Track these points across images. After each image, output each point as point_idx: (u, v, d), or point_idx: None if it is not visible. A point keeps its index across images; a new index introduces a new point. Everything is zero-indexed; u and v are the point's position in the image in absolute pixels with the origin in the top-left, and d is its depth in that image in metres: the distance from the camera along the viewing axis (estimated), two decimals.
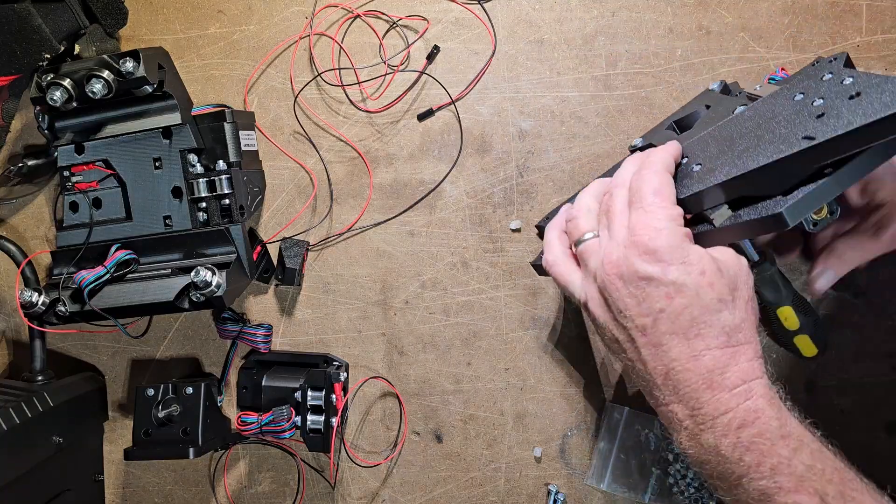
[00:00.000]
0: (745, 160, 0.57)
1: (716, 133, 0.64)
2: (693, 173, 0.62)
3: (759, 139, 0.58)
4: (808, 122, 0.55)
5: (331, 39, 0.86)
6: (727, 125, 0.64)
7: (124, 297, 0.75)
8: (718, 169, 0.59)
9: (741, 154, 0.58)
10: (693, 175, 0.62)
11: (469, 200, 0.84)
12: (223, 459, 0.86)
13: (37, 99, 0.79)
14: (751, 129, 0.60)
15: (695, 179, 0.61)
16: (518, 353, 0.82)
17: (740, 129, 0.61)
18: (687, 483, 0.78)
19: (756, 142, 0.58)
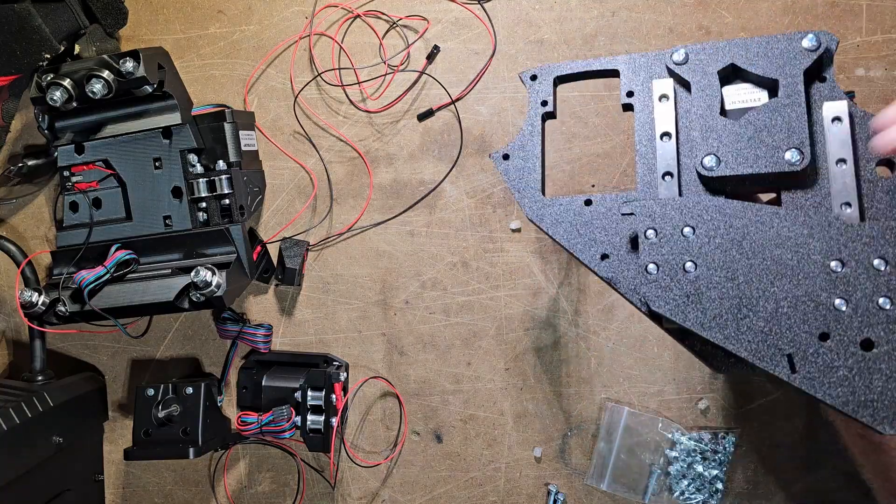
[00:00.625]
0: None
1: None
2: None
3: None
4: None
5: (331, 39, 0.86)
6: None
7: (124, 297, 0.75)
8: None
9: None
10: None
11: (469, 200, 0.84)
12: (223, 459, 0.86)
13: (37, 99, 0.79)
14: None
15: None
16: (518, 353, 0.82)
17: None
18: (687, 483, 0.78)
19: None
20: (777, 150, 0.60)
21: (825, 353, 0.54)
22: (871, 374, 0.53)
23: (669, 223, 0.59)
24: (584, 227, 0.64)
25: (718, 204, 0.58)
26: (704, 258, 0.57)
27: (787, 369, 0.54)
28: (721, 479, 0.77)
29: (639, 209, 0.60)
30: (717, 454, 0.78)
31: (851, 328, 0.54)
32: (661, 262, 0.58)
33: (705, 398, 0.79)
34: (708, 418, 0.79)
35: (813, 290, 0.55)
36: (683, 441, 0.78)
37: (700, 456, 0.78)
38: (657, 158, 0.64)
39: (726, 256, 0.57)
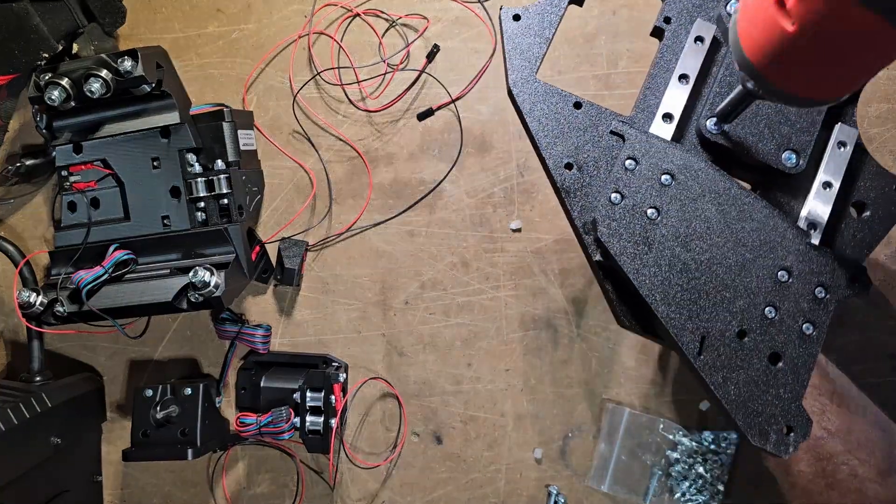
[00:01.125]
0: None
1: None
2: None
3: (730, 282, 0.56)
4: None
5: (330, 38, 0.86)
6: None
7: (122, 298, 0.75)
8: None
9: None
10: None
11: (469, 200, 0.84)
12: (222, 460, 0.85)
13: (35, 98, 0.79)
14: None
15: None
16: (518, 353, 0.82)
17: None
18: (688, 485, 0.77)
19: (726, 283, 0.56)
20: (779, 146, 0.59)
21: (735, 350, 0.54)
22: (767, 386, 0.54)
23: (653, 161, 0.57)
24: (560, 126, 0.61)
25: (707, 168, 0.57)
26: (669, 210, 0.57)
27: (696, 349, 0.54)
28: (722, 480, 0.77)
29: (630, 134, 0.58)
30: (718, 455, 0.77)
31: (768, 337, 0.55)
32: (627, 195, 0.57)
33: (706, 399, 0.79)
34: (709, 419, 0.79)
35: (753, 287, 0.55)
36: (685, 442, 0.78)
37: (701, 457, 0.77)
38: (664, 96, 0.61)
39: (690, 219, 0.56)
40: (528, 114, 0.61)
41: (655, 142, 0.58)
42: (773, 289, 0.55)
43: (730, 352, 0.54)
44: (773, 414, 0.53)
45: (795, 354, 0.55)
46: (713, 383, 0.54)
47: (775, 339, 0.55)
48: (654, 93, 0.62)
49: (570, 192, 0.60)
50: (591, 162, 0.60)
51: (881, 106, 0.79)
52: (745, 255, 0.56)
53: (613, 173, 0.57)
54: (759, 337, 0.55)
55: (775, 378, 0.54)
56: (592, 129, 0.61)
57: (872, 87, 0.78)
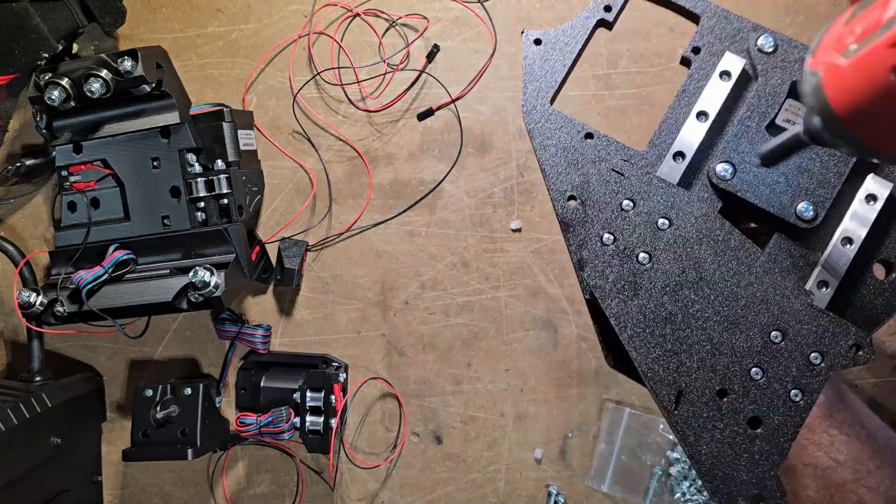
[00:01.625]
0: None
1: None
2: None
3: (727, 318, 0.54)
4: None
5: (330, 38, 0.86)
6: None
7: (122, 298, 0.75)
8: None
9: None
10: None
11: (469, 200, 0.84)
12: (222, 460, 0.85)
13: (35, 98, 0.79)
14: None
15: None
16: (518, 353, 0.82)
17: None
18: (688, 485, 0.77)
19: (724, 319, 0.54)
20: (795, 197, 0.55)
21: (713, 409, 0.52)
22: (742, 451, 0.51)
23: (651, 204, 0.55)
24: (568, 157, 0.59)
25: (708, 216, 0.55)
26: (662, 257, 0.54)
27: (672, 402, 0.52)
28: None
29: (631, 173, 0.56)
30: None
31: (751, 400, 0.52)
32: (619, 237, 0.55)
33: None
34: None
35: (741, 345, 0.53)
36: None
37: None
38: (680, 132, 0.58)
39: (683, 268, 0.54)
40: (538, 142, 0.59)
41: (657, 184, 0.55)
42: (763, 349, 0.52)
43: (707, 410, 0.52)
44: (745, 480, 0.51)
45: (778, 421, 0.52)
46: (684, 440, 0.52)
47: (758, 403, 0.52)
48: (672, 128, 0.59)
49: (570, 225, 0.58)
50: (594, 197, 0.58)
51: None
52: (737, 310, 0.53)
53: (608, 213, 0.55)
54: (740, 398, 0.52)
55: (752, 443, 0.51)
56: (601, 162, 0.58)
57: None
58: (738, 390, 0.52)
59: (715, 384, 0.52)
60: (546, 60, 0.61)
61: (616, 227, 0.55)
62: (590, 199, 0.58)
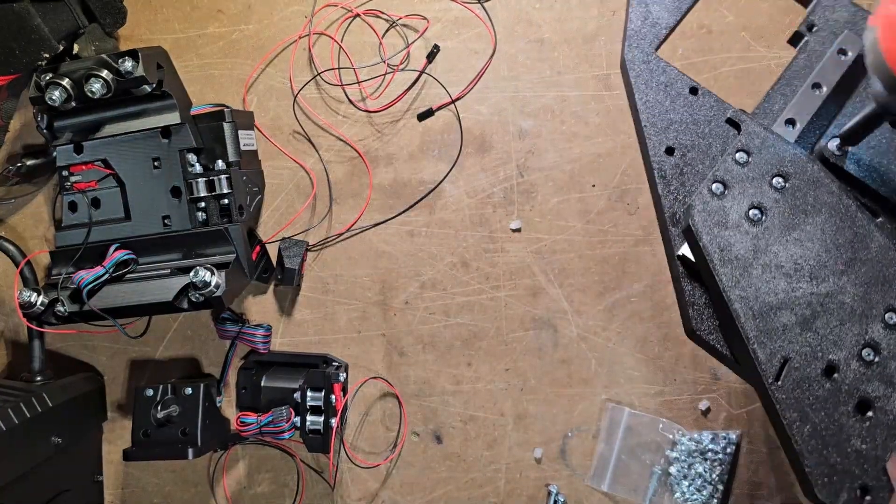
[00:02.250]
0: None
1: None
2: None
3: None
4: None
5: (330, 39, 0.86)
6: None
7: (123, 298, 0.75)
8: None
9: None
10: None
11: (469, 200, 0.84)
12: (222, 460, 0.85)
13: (36, 98, 0.79)
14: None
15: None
16: (518, 353, 0.82)
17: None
18: (688, 485, 0.77)
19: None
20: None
21: (819, 385, 0.48)
22: (848, 437, 0.47)
23: (767, 158, 0.51)
24: (670, 108, 0.56)
25: (828, 180, 0.51)
26: (774, 215, 0.50)
27: (774, 372, 0.48)
28: (722, 479, 0.77)
29: (747, 124, 0.52)
30: (717, 455, 0.77)
31: (860, 382, 0.48)
32: (731, 185, 0.50)
33: (706, 399, 0.79)
34: (709, 419, 0.79)
35: (855, 321, 0.49)
36: (684, 442, 0.78)
37: (701, 457, 0.78)
38: (793, 99, 0.55)
39: (797, 230, 0.50)
40: (639, 91, 0.56)
41: (775, 139, 0.52)
42: (878, 328, 0.49)
43: (812, 386, 0.48)
44: (849, 470, 0.46)
45: (890, 407, 0.47)
46: (787, 419, 0.47)
47: (868, 385, 0.48)
48: (781, 97, 0.56)
49: (666, 177, 0.55)
50: (696, 150, 0.55)
51: None
52: (852, 284, 0.49)
53: (721, 162, 0.51)
54: (849, 378, 0.48)
55: (860, 429, 0.47)
56: (704, 118, 0.56)
57: None
58: (849, 368, 0.48)
59: (824, 357, 0.48)
60: (655, 6, 0.58)
61: (728, 176, 0.51)
62: (694, 151, 0.55)
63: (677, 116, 0.56)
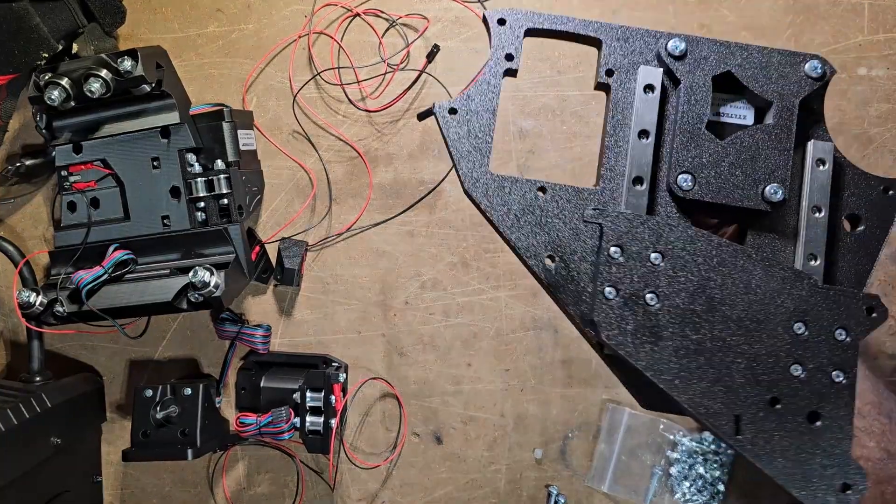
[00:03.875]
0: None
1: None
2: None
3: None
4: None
5: (330, 38, 0.86)
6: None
7: (122, 298, 0.75)
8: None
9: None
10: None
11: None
12: (222, 461, 0.85)
13: (35, 98, 0.79)
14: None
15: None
16: (518, 354, 0.82)
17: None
18: (688, 485, 0.77)
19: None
20: (757, 184, 0.56)
21: (772, 419, 0.52)
22: (814, 448, 0.51)
23: (637, 243, 0.54)
24: (530, 217, 0.57)
25: (693, 235, 0.54)
26: (668, 292, 0.53)
27: (733, 429, 0.52)
28: (722, 480, 0.77)
29: (608, 222, 0.54)
30: (718, 455, 0.77)
31: (802, 397, 0.52)
32: (622, 287, 0.53)
33: None
34: None
35: (773, 349, 0.53)
36: (685, 442, 0.78)
37: (701, 457, 0.77)
38: (629, 158, 0.57)
39: (690, 294, 0.53)
40: (495, 213, 0.57)
41: (634, 222, 0.54)
42: (792, 344, 0.53)
43: (767, 423, 0.52)
44: (826, 475, 0.51)
45: (833, 406, 0.52)
46: (759, 460, 0.51)
47: (809, 398, 0.52)
48: (616, 155, 0.58)
49: (559, 286, 0.56)
50: (574, 249, 0.57)
51: (881, 106, 0.79)
52: (755, 314, 0.53)
53: (601, 268, 0.54)
54: (791, 399, 0.52)
55: (819, 437, 0.51)
56: (568, 213, 0.57)
57: (872, 87, 0.78)
58: (788, 392, 0.52)
59: (765, 395, 0.52)
60: (467, 126, 0.59)
61: (614, 278, 0.54)
62: (569, 253, 0.57)
63: (541, 221, 0.57)
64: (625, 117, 0.59)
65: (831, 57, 0.78)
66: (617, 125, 0.59)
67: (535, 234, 0.57)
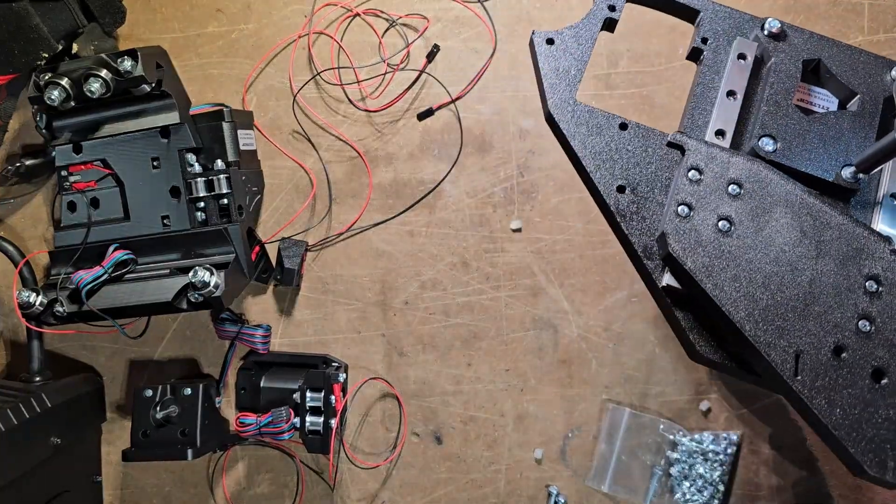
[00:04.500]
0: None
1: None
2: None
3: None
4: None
5: (330, 38, 0.86)
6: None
7: (122, 298, 0.75)
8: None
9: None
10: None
11: (469, 200, 0.84)
12: (222, 461, 0.85)
13: (34, 98, 0.79)
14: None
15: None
16: (518, 353, 0.82)
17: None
18: (688, 485, 0.77)
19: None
20: (837, 161, 0.57)
21: (834, 368, 0.50)
22: (876, 407, 0.49)
23: (718, 171, 0.54)
24: (607, 149, 0.58)
25: (774, 176, 0.54)
26: (742, 221, 0.53)
27: (792, 368, 0.50)
28: (723, 480, 0.77)
29: (690, 144, 0.55)
30: (718, 455, 0.77)
31: (868, 352, 0.51)
32: (697, 206, 0.53)
33: (707, 399, 0.79)
34: (709, 419, 0.79)
35: (842, 299, 0.52)
36: (685, 442, 0.78)
37: (701, 457, 0.77)
38: (714, 112, 0.59)
39: (765, 230, 0.53)
40: (573, 138, 0.59)
41: (717, 151, 0.55)
42: (863, 299, 0.52)
43: (829, 370, 0.50)
44: (887, 438, 0.49)
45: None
46: (817, 407, 0.49)
47: (875, 354, 0.50)
48: (701, 111, 0.60)
49: (626, 215, 0.57)
50: (645, 182, 0.58)
51: None
52: (828, 264, 0.52)
53: (677, 185, 0.54)
54: (857, 352, 0.50)
55: (882, 397, 0.49)
56: (642, 149, 0.58)
57: None
58: (853, 344, 0.51)
59: (829, 342, 0.51)
60: (562, 59, 0.61)
61: (689, 197, 0.54)
62: (644, 184, 0.57)
63: (617, 155, 0.58)
64: (713, 82, 0.61)
65: None
66: (704, 89, 0.61)
67: (610, 164, 0.58)
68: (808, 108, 0.61)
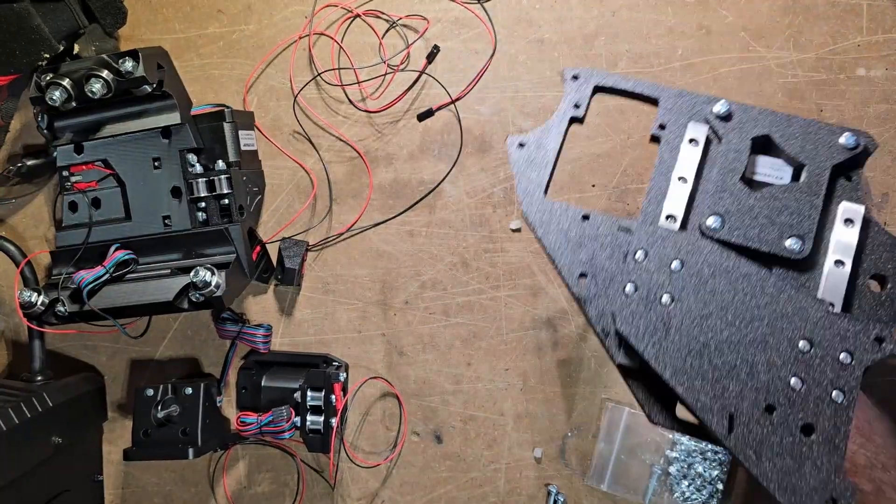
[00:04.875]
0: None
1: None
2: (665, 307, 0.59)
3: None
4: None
5: (330, 39, 0.86)
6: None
7: (123, 298, 0.75)
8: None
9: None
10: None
11: (469, 200, 0.84)
12: (222, 460, 0.85)
13: (36, 99, 0.79)
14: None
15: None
16: (518, 353, 0.82)
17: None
18: (687, 484, 0.77)
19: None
20: (781, 234, 0.61)
21: (766, 425, 0.54)
22: (804, 460, 0.53)
23: (661, 251, 0.60)
24: (571, 239, 0.65)
25: (713, 249, 0.59)
26: (682, 296, 0.58)
27: (726, 428, 0.54)
28: (721, 479, 0.77)
29: (637, 228, 0.61)
30: (717, 454, 0.77)
31: (798, 409, 0.54)
32: (641, 285, 0.59)
33: None
34: None
35: (775, 360, 0.55)
36: (684, 441, 0.78)
37: (700, 456, 0.78)
38: (667, 197, 0.65)
39: (704, 301, 0.58)
40: (541, 232, 0.66)
41: (661, 232, 0.61)
42: (795, 359, 0.55)
43: (760, 428, 0.54)
44: (814, 487, 0.52)
45: (828, 423, 0.53)
46: (747, 460, 0.53)
47: (805, 411, 0.54)
48: (656, 195, 0.66)
49: (587, 299, 0.62)
50: (604, 268, 0.63)
51: (880, 106, 0.79)
52: (762, 328, 0.56)
53: (625, 266, 0.60)
54: (787, 410, 0.54)
55: (811, 450, 0.53)
56: (603, 236, 0.64)
57: (871, 88, 0.78)
58: (784, 402, 0.54)
59: (761, 401, 0.55)
60: (532, 160, 0.69)
61: (635, 277, 0.59)
62: (601, 270, 0.63)
63: (580, 244, 0.65)
64: (669, 165, 0.67)
65: (830, 57, 0.78)
66: (661, 172, 0.67)
67: (573, 253, 0.65)
68: (764, 179, 0.66)
